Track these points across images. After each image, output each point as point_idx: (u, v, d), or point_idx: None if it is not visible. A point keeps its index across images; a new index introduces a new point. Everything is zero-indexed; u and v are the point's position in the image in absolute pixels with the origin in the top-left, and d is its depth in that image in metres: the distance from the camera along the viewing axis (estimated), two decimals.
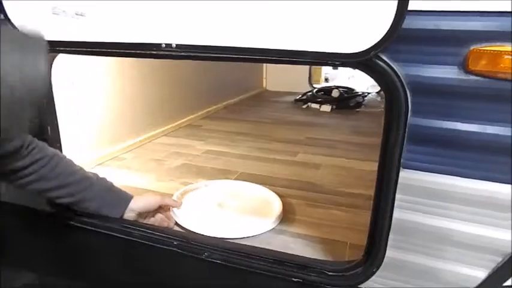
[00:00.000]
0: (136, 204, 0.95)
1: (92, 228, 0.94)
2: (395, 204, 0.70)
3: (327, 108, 2.72)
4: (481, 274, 0.66)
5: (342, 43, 0.63)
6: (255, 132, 2.11)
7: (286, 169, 1.53)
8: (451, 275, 0.68)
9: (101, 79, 1.56)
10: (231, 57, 0.70)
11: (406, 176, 0.68)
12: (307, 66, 3.46)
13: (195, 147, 1.79)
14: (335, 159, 1.67)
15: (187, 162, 1.58)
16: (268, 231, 1.04)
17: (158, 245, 0.90)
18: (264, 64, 3.57)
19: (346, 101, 2.79)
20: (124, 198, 0.95)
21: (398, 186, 0.69)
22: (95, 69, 1.52)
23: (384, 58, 0.63)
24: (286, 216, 1.12)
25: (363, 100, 2.84)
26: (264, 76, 3.62)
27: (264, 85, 3.64)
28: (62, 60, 1.02)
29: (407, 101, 0.63)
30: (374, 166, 1.62)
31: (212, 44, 0.69)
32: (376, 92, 3.18)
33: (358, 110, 2.72)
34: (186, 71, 2.21)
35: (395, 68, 0.63)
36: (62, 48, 0.84)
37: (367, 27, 0.61)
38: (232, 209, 1.15)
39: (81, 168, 0.91)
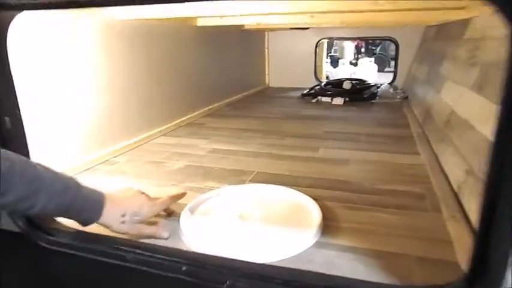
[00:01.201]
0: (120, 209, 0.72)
1: (69, 251, 0.70)
2: None
3: (339, 101, 2.49)
4: None
5: None
6: (265, 128, 1.87)
7: (309, 166, 1.29)
8: None
9: (85, 68, 1.32)
10: None
11: None
12: (312, 60, 3.23)
13: (199, 147, 1.54)
14: (363, 153, 1.43)
15: (192, 164, 1.34)
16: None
17: (160, 272, 0.65)
18: (267, 59, 3.34)
19: (359, 92, 2.56)
20: (91, 207, 0.70)
21: None
22: (76, 55, 1.27)
23: None
24: (323, 223, 0.88)
25: (377, 91, 2.61)
26: (267, 72, 3.39)
27: (267, 82, 3.41)
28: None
29: None
30: (410, 159, 1.40)
31: None
32: (389, 84, 2.95)
33: (373, 101, 2.49)
34: (185, 65, 1.97)
35: None
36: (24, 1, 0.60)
37: None
38: (258, 221, 0.90)
39: (24, 173, 0.60)
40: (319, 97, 2.60)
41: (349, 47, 8.47)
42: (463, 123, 1.20)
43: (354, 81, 2.71)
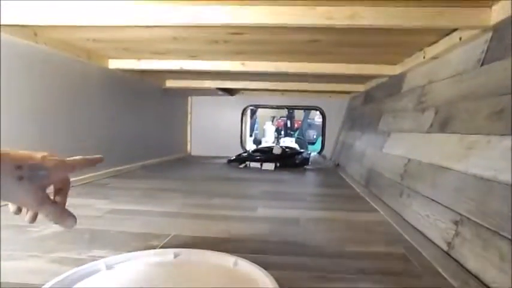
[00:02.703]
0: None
1: None
2: None
3: (269, 166, 2.25)
4: None
5: None
6: (186, 188, 1.50)
7: (249, 227, 0.95)
8: None
9: None
10: None
11: None
12: (237, 129, 3.05)
13: (93, 207, 1.10)
14: (313, 212, 1.14)
15: (76, 227, 0.89)
16: None
17: None
18: (189, 125, 3.07)
19: (291, 158, 2.36)
20: None
21: None
22: None
23: None
24: None
25: (309, 156, 2.45)
26: (189, 139, 3.09)
27: (188, 149, 3.08)
28: None
29: None
30: (371, 216, 1.14)
31: None
32: (318, 153, 2.85)
33: (306, 167, 2.30)
34: (89, 112, 1.58)
35: None
36: None
37: None
38: None
39: None
40: (248, 163, 2.34)
41: (270, 129, 8.78)
42: (430, 169, 1.01)
43: (284, 148, 2.54)
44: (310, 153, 2.56)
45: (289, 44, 1.29)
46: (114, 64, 1.68)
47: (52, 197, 0.50)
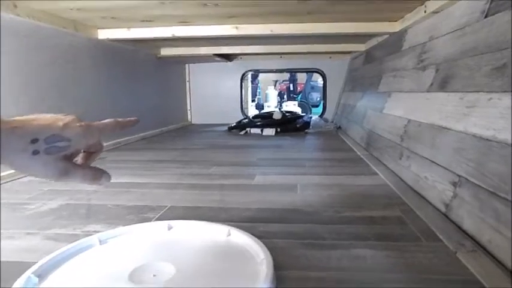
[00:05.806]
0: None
1: None
2: None
3: (270, 131, 2.23)
4: None
5: None
6: (185, 158, 1.50)
7: (246, 195, 0.94)
8: None
9: None
10: None
11: None
12: (237, 95, 3.00)
13: None
14: (312, 177, 1.13)
15: (72, 202, 0.90)
16: None
17: None
18: (188, 94, 3.03)
19: (292, 122, 2.33)
20: None
21: None
22: None
23: None
24: (278, 275, 0.52)
25: (310, 120, 2.42)
26: (189, 108, 3.05)
27: (189, 118, 3.06)
28: None
29: None
30: (372, 179, 1.13)
31: None
32: (319, 116, 2.82)
33: (307, 131, 2.28)
34: (81, 85, 1.55)
35: None
36: None
37: None
38: (166, 284, 0.50)
39: None
40: (248, 129, 2.32)
41: (273, 94, 8.67)
42: (429, 130, 0.98)
43: (284, 112, 2.51)
44: (311, 117, 2.52)
45: (281, 5, 1.22)
46: (103, 34, 1.62)
47: (82, 161, 0.47)
